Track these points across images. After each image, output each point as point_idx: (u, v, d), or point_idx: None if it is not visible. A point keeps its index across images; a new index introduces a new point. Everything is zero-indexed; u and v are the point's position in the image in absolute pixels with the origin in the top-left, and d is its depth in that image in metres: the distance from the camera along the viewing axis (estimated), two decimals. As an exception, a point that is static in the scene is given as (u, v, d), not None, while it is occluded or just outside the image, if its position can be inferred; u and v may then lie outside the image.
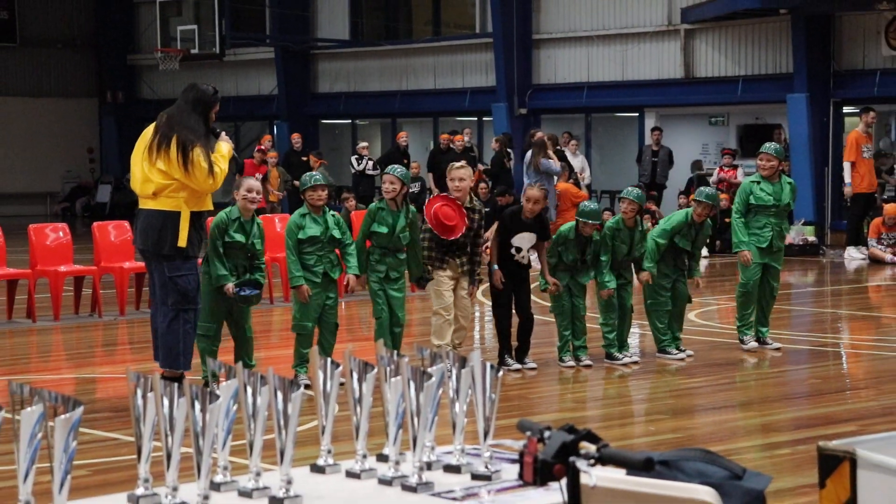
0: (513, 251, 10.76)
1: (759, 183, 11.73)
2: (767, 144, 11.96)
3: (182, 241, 9.07)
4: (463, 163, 10.97)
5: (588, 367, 10.96)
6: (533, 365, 10.89)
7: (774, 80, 23.60)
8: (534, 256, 11.10)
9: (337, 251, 10.12)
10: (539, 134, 22.11)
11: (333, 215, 10.09)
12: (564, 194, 19.71)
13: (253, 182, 10.04)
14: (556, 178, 20.13)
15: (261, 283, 9.90)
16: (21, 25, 34.41)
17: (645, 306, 11.52)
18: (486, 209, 19.90)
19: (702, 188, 11.88)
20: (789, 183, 11.89)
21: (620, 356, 11.11)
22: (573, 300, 10.95)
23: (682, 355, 11.41)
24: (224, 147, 9.24)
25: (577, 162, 23.81)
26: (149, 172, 9.10)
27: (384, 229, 10.12)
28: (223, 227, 9.75)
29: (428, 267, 10.44)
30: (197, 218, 9.22)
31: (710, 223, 11.64)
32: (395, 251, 10.18)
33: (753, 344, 11.77)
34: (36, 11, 34.62)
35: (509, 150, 23.30)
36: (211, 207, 9.43)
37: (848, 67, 22.97)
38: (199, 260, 9.66)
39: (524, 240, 10.76)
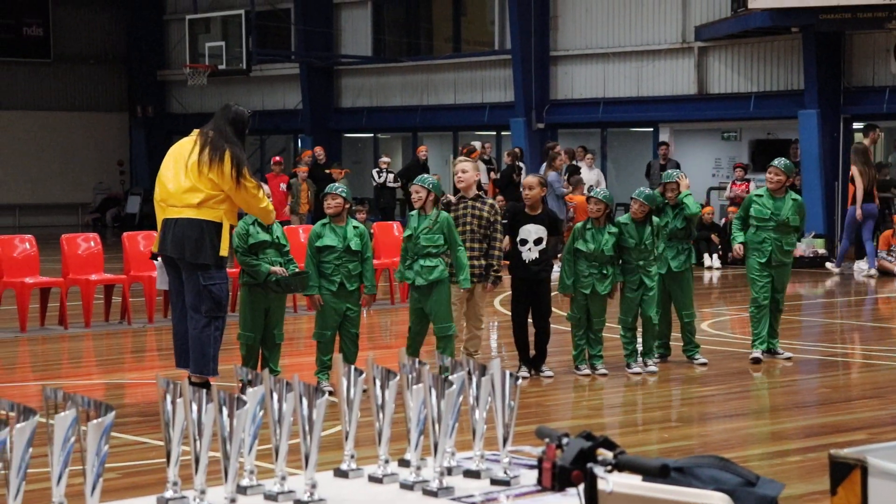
0: (519, 248, 10.77)
1: (761, 196, 11.72)
2: (778, 160, 11.90)
3: (224, 251, 9.30)
4: (466, 157, 11.10)
5: (604, 375, 10.98)
6: (549, 373, 10.94)
7: (786, 96, 23.74)
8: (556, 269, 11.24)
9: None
10: (550, 144, 22.70)
11: (356, 227, 10.11)
12: (580, 207, 20.05)
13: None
14: (557, 192, 20.75)
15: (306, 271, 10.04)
16: (55, 42, 34.72)
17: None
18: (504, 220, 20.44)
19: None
20: (794, 199, 11.79)
21: (634, 365, 11.20)
22: (591, 316, 10.99)
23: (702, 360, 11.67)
24: (265, 199, 9.68)
25: (593, 175, 24.13)
26: (197, 182, 9.26)
27: (408, 232, 10.16)
28: (245, 232, 9.89)
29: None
30: (231, 230, 9.54)
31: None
32: (423, 256, 10.05)
33: (758, 356, 11.74)
34: (69, 28, 34.91)
35: (521, 164, 23.74)
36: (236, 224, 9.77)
37: (858, 84, 23.11)
38: (231, 271, 10.01)
39: (529, 232, 10.75)
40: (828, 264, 21.11)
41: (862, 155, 20.12)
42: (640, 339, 11.40)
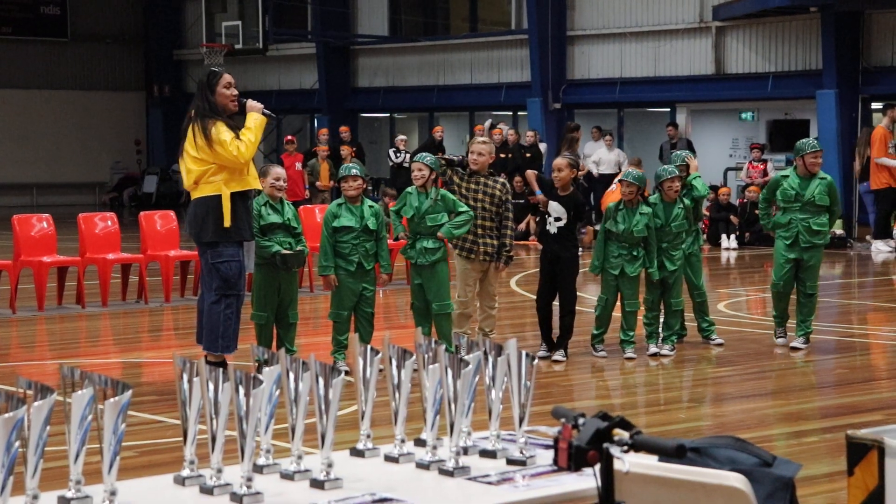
0: (547, 217, 10.77)
1: (787, 177, 11.54)
2: (817, 141, 11.94)
3: (227, 222, 9.16)
4: (485, 139, 11.13)
5: (630, 359, 10.91)
6: (558, 358, 10.81)
7: (804, 76, 23.65)
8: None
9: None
10: (571, 125, 22.75)
11: (372, 206, 10.18)
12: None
13: (279, 170, 10.19)
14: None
15: (304, 250, 10.09)
16: (72, 21, 34.67)
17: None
18: (521, 201, 20.45)
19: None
20: (822, 178, 11.49)
21: (652, 347, 11.19)
22: (623, 299, 10.93)
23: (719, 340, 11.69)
24: (250, 120, 9.27)
25: (613, 156, 24.15)
26: (188, 163, 9.26)
27: (410, 212, 10.21)
28: (256, 212, 9.85)
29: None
30: (241, 198, 9.30)
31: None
32: (426, 235, 10.16)
33: (782, 340, 11.64)
34: (86, 7, 34.87)
35: (540, 144, 23.79)
36: (256, 186, 9.44)
37: (877, 64, 22.99)
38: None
39: (553, 208, 10.72)
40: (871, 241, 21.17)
41: (866, 136, 20.96)
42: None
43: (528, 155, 23.31)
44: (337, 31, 30.63)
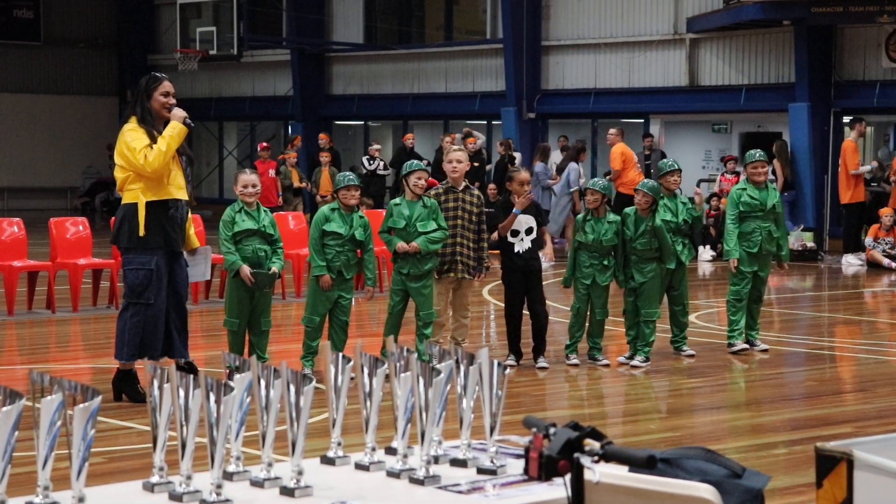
0: (511, 239, 10.75)
1: (745, 189, 11.82)
2: (760, 152, 12.02)
3: (141, 231, 8.89)
4: (459, 146, 11.13)
5: (606, 366, 11.00)
6: (545, 364, 10.91)
7: (777, 89, 23.80)
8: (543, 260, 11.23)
9: (359, 252, 10.25)
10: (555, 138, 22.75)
11: (362, 217, 10.24)
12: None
13: (247, 177, 10.09)
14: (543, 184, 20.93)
15: (278, 270, 10.02)
16: (45, 25, 34.56)
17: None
18: (491, 209, 20.49)
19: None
20: (774, 189, 12.00)
21: (630, 358, 11.25)
22: (593, 308, 11.01)
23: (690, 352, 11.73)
24: (167, 129, 8.94)
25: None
26: (115, 171, 9.13)
27: (401, 223, 10.24)
28: (230, 219, 9.90)
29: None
30: (160, 208, 8.96)
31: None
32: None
33: (744, 346, 11.85)
34: (59, 11, 34.77)
35: (515, 154, 23.76)
36: (177, 196, 9.03)
37: (849, 78, 23.17)
38: (217, 257, 9.87)
39: (520, 223, 10.72)
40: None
41: (784, 151, 21.83)
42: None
43: (475, 164, 23.40)
44: (312, 38, 30.60)
